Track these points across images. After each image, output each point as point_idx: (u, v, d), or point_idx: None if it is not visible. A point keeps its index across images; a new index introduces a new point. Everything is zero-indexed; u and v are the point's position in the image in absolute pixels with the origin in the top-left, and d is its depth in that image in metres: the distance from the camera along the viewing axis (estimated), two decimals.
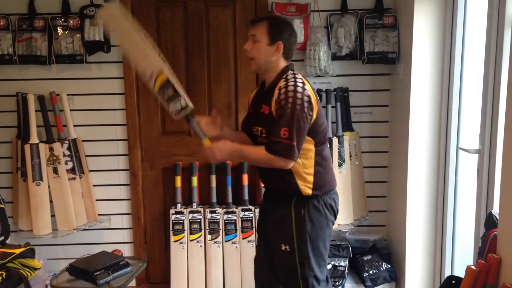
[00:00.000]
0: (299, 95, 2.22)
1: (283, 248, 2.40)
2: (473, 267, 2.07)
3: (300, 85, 2.25)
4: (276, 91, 2.28)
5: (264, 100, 2.35)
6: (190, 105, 2.37)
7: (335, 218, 2.48)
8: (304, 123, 2.23)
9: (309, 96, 2.25)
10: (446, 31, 3.04)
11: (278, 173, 2.32)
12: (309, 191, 2.36)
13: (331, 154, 3.40)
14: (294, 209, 2.37)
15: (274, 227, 2.45)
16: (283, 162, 2.24)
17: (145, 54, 2.34)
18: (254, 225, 3.49)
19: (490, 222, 2.23)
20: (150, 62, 2.33)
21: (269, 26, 2.32)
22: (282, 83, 2.28)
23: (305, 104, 2.22)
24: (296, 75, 2.32)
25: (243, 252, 3.50)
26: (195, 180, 3.57)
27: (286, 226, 2.38)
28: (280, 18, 2.51)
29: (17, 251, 2.85)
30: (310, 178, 2.35)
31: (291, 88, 2.23)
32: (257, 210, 3.44)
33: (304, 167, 2.34)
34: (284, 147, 2.21)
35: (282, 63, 2.37)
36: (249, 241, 3.50)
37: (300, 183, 2.35)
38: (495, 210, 2.28)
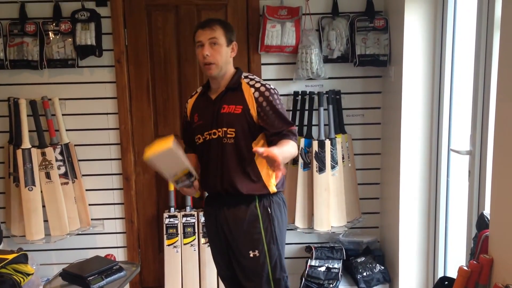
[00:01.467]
0: (277, 91, 2.40)
1: (251, 255, 2.37)
2: (465, 267, 2.08)
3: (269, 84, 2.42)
4: (249, 89, 2.36)
5: (228, 100, 2.38)
6: (196, 176, 2.32)
7: None
8: None
9: None
10: (437, 34, 3.07)
11: (246, 173, 2.34)
12: (274, 189, 2.40)
13: (324, 157, 3.42)
14: (260, 209, 2.37)
15: (239, 233, 2.39)
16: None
17: (177, 164, 2.25)
18: None
19: (481, 223, 2.24)
20: (177, 167, 2.26)
21: (223, 28, 2.38)
22: (251, 82, 2.40)
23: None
24: (255, 75, 2.48)
25: None
26: None
27: (253, 230, 2.36)
28: (225, 20, 2.52)
29: (10, 256, 2.83)
30: (273, 175, 2.38)
31: (268, 86, 2.38)
32: None
33: None
34: (296, 134, 2.37)
35: (232, 64, 2.47)
36: None
37: (266, 181, 2.38)
38: (487, 211, 2.30)
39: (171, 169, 2.27)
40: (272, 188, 2.39)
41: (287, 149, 2.25)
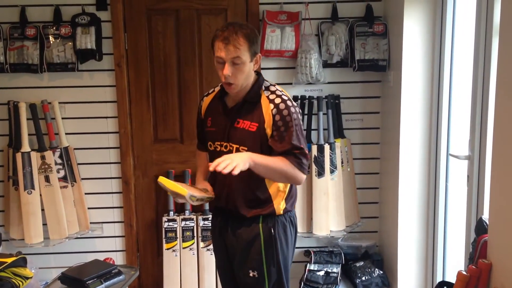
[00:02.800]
0: (298, 109, 2.20)
1: (251, 274, 2.26)
2: (464, 272, 2.08)
3: (291, 98, 2.22)
4: (268, 105, 2.15)
5: (244, 115, 2.19)
6: (209, 198, 2.26)
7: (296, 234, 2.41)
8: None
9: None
10: (436, 39, 3.08)
11: (252, 193, 2.21)
12: (281, 211, 2.26)
13: (323, 161, 3.43)
14: (262, 228, 2.24)
15: (241, 252, 2.28)
16: (301, 176, 2.16)
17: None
18: None
19: (480, 228, 2.25)
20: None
21: (248, 42, 2.09)
22: (271, 96, 2.17)
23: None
24: (277, 86, 2.25)
25: None
26: None
27: (254, 249, 2.24)
28: (251, 27, 2.19)
29: (9, 260, 2.83)
30: (283, 195, 2.26)
31: (290, 103, 2.16)
32: None
33: (285, 186, 2.26)
34: (306, 163, 2.16)
35: (253, 75, 2.22)
36: None
37: (273, 202, 2.24)
38: (485, 216, 2.30)
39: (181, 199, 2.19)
40: (279, 210, 2.24)
41: (269, 162, 2.09)
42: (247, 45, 2.09)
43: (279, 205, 2.25)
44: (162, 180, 2.12)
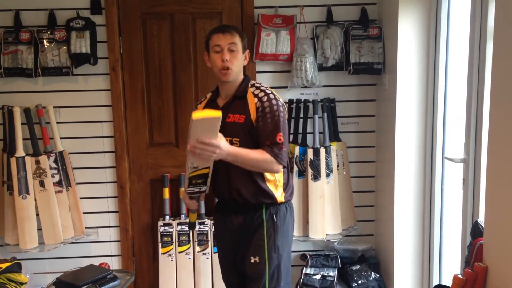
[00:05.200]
0: (280, 103, 2.36)
1: (252, 260, 2.39)
2: (460, 276, 2.08)
3: (276, 94, 2.39)
4: (253, 99, 2.35)
5: (233, 109, 2.38)
6: (207, 189, 2.32)
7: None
8: (288, 131, 2.42)
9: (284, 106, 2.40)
10: (430, 42, 3.09)
11: (253, 182, 2.35)
12: (282, 199, 2.42)
13: (319, 164, 3.43)
14: (265, 216, 2.38)
15: (243, 239, 2.42)
16: (277, 166, 2.32)
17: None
18: None
19: (476, 231, 2.25)
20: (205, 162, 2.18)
21: (239, 35, 2.39)
22: (256, 91, 2.38)
23: (286, 113, 2.38)
24: (263, 84, 2.45)
25: None
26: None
27: (256, 236, 2.38)
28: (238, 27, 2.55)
29: (3, 265, 2.82)
30: (281, 184, 2.42)
31: (272, 96, 2.35)
32: None
33: (279, 175, 2.41)
34: (281, 151, 2.30)
35: (242, 72, 2.46)
36: None
37: (274, 191, 2.38)
38: (481, 219, 2.30)
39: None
40: (280, 198, 2.40)
41: (246, 152, 2.22)
42: (239, 37, 2.38)
43: (280, 194, 2.40)
44: (197, 114, 2.02)
